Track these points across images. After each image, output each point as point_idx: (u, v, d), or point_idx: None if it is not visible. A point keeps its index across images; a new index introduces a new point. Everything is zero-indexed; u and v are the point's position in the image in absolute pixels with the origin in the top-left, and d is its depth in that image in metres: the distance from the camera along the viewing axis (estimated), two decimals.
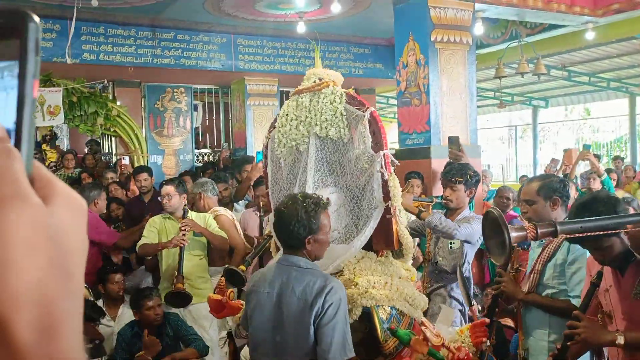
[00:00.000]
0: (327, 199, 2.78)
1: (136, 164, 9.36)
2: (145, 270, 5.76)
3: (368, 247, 2.90)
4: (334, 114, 2.91)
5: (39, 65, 0.45)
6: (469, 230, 3.99)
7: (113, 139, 10.53)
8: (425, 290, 4.22)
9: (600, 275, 2.95)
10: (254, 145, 10.40)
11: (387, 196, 2.78)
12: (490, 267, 6.19)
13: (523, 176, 6.99)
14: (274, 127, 3.22)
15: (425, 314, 4.13)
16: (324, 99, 2.96)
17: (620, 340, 2.59)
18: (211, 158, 11.25)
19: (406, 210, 4.54)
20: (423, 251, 4.86)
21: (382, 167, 2.78)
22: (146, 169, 6.74)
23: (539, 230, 2.36)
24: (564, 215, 3.36)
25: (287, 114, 3.12)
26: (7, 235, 0.39)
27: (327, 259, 2.74)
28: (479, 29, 7.28)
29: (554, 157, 6.83)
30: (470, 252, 4.24)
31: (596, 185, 7.21)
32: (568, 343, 2.77)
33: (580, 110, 18.73)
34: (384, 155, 2.77)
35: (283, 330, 2.56)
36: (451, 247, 4.22)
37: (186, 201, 5.05)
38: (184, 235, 4.69)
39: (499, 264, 2.69)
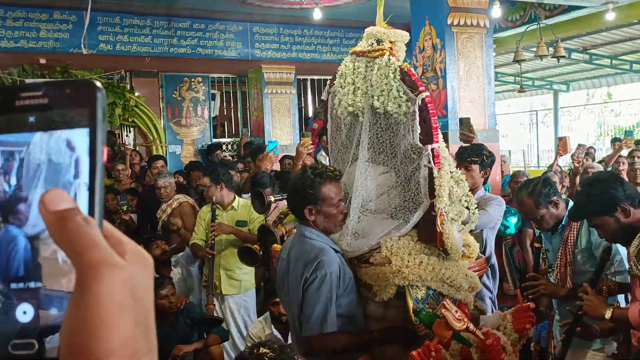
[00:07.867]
0: (336, 170, 2.70)
1: (154, 154, 9.41)
2: None
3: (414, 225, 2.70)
4: (390, 90, 2.58)
5: (105, 131, 0.49)
6: (485, 219, 3.81)
7: (132, 129, 10.59)
8: None
9: (608, 250, 3.09)
10: (272, 133, 10.37)
11: (432, 193, 2.51)
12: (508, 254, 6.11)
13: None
14: (333, 84, 2.93)
15: None
16: (378, 70, 2.63)
17: (607, 314, 2.76)
18: (229, 147, 11.26)
19: None
20: None
21: (429, 161, 2.50)
22: (161, 157, 6.81)
23: None
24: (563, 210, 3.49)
25: (345, 75, 2.82)
26: (104, 297, 0.44)
27: (371, 234, 2.66)
28: (496, 12, 7.18)
29: (580, 142, 6.67)
30: (491, 236, 4.09)
31: (624, 167, 7.08)
32: (579, 312, 2.97)
33: (602, 93, 18.43)
34: (432, 150, 2.49)
35: (288, 292, 2.70)
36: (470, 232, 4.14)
37: (225, 190, 4.99)
38: (213, 238, 4.79)
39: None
